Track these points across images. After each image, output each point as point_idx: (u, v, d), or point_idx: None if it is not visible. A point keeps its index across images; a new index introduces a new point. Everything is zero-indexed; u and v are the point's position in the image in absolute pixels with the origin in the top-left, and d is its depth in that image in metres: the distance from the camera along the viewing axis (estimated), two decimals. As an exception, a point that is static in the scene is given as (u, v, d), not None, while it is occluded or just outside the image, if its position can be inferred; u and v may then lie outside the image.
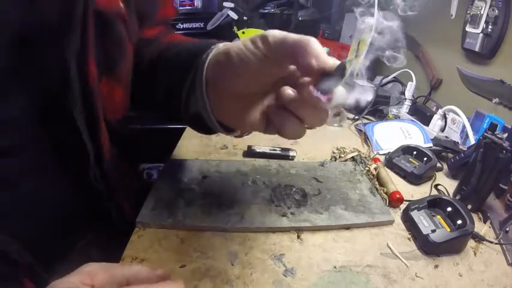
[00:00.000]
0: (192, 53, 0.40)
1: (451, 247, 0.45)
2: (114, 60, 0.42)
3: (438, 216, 0.48)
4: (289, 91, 0.32)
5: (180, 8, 1.04)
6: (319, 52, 0.29)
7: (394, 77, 1.08)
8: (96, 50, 0.37)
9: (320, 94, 0.29)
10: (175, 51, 0.46)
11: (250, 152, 0.66)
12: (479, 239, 0.48)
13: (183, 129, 0.74)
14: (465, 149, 0.65)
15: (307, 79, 0.32)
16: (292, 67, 0.33)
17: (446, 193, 0.59)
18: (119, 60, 0.43)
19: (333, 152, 0.69)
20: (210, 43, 0.40)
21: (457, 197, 0.57)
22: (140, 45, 0.51)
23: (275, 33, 0.31)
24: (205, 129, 0.43)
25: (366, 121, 0.86)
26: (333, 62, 0.29)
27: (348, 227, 0.48)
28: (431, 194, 0.59)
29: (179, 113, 0.44)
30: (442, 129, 0.82)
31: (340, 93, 0.30)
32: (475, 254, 0.46)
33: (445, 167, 0.67)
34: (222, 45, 0.38)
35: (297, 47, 0.30)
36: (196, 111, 0.40)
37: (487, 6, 0.75)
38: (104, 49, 0.38)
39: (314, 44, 0.29)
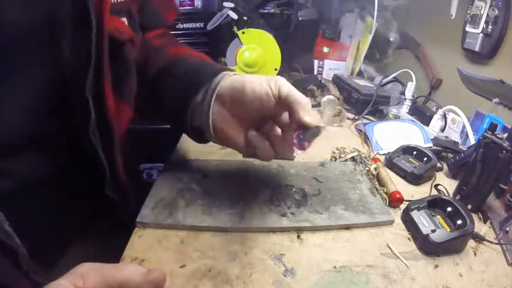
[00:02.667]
0: (202, 74, 0.47)
1: (451, 247, 0.45)
2: (122, 81, 0.44)
3: (438, 216, 0.48)
4: (278, 130, 0.44)
5: (180, 8, 1.04)
6: (306, 112, 0.40)
7: (394, 77, 1.07)
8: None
9: (297, 140, 0.44)
10: (183, 69, 0.50)
11: (250, 152, 0.66)
12: (479, 239, 0.48)
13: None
14: (465, 149, 0.64)
15: (288, 122, 0.44)
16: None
17: (446, 193, 0.59)
18: (126, 81, 0.45)
19: (333, 152, 0.69)
20: (215, 66, 0.49)
21: (457, 197, 0.56)
22: (147, 55, 0.52)
23: (285, 85, 0.41)
24: (201, 139, 0.51)
25: (366, 121, 0.86)
26: (310, 120, 0.40)
27: (348, 227, 0.48)
28: (431, 194, 0.59)
29: (182, 124, 0.50)
30: (442, 129, 0.82)
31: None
32: (475, 254, 0.46)
33: (445, 167, 0.67)
34: (233, 74, 0.46)
35: (294, 102, 0.40)
36: (198, 124, 0.48)
37: (487, 6, 0.75)
38: (113, 71, 0.40)
39: (304, 104, 0.40)
